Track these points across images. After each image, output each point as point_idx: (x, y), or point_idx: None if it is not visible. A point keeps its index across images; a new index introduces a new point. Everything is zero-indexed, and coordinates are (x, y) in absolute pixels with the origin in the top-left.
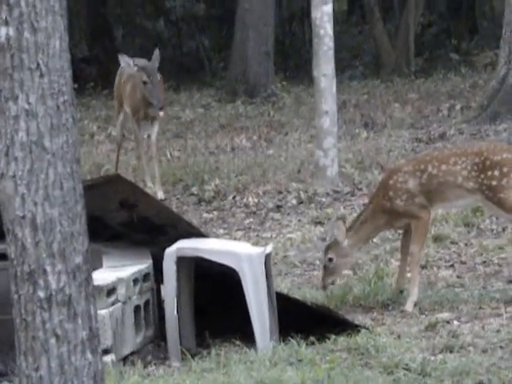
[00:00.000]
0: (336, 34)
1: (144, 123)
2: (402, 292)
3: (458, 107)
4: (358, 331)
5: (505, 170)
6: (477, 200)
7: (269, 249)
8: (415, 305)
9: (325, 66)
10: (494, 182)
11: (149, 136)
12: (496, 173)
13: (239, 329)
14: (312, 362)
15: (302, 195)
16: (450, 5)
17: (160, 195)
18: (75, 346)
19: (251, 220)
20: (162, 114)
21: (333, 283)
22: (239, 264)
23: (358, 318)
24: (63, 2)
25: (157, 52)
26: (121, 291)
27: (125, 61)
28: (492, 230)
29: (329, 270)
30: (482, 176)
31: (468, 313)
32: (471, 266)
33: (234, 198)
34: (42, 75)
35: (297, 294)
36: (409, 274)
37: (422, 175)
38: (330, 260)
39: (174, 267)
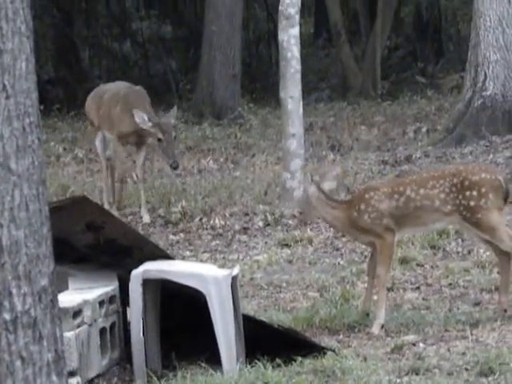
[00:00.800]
0: (303, 56)
1: (129, 147)
2: (368, 315)
3: (424, 130)
4: (325, 353)
5: (483, 190)
6: (453, 222)
7: (235, 271)
8: (381, 327)
9: (292, 89)
10: (472, 203)
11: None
12: (474, 193)
13: (206, 351)
14: None
15: (269, 217)
16: (416, 28)
17: (146, 219)
18: (41, 368)
19: (218, 242)
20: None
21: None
22: (206, 286)
23: (325, 341)
24: (29, 24)
25: (174, 109)
26: (87, 313)
27: (139, 116)
28: (458, 253)
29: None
30: (460, 196)
31: (434, 335)
32: (437, 288)
33: (200, 219)
34: (8, 97)
35: (263, 317)
36: (375, 297)
37: (400, 198)
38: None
39: (140, 289)
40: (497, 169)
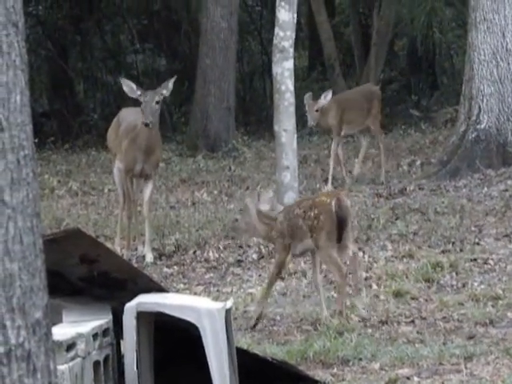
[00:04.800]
0: (297, 89)
1: (138, 181)
2: None
3: (418, 163)
4: None
5: (316, 211)
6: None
7: (229, 304)
8: (375, 361)
9: (286, 122)
10: (310, 222)
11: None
12: (311, 214)
13: None
14: None
15: (263, 250)
16: (410, 61)
17: (149, 258)
18: None
19: (212, 275)
20: (145, 127)
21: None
22: (199, 319)
23: (319, 374)
24: (24, 57)
25: (171, 81)
26: (80, 346)
27: (127, 85)
28: (452, 286)
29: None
30: (308, 217)
31: (428, 369)
32: (431, 321)
33: (194, 252)
34: (2, 130)
35: (257, 350)
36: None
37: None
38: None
39: (133, 322)
40: (341, 195)
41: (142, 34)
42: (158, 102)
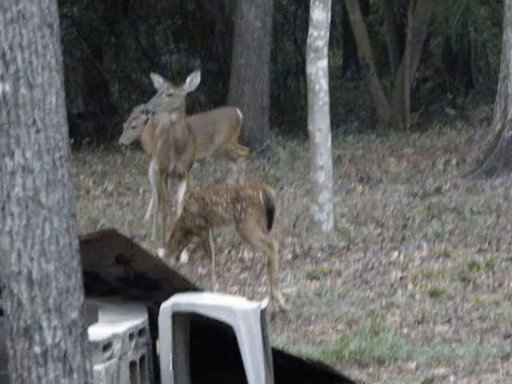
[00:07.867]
0: (331, 88)
1: (172, 181)
2: None
3: (453, 162)
4: None
5: (244, 204)
6: (233, 228)
7: (264, 304)
8: (411, 361)
9: (320, 121)
10: (237, 214)
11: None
12: (238, 206)
13: None
14: None
15: (298, 250)
16: (445, 60)
17: (184, 259)
18: None
19: (246, 275)
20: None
21: None
22: (235, 319)
23: (354, 374)
24: (59, 58)
25: (194, 77)
26: (116, 346)
27: (156, 80)
28: (488, 286)
29: None
30: (235, 208)
31: (464, 368)
32: (467, 321)
33: (229, 252)
34: (38, 131)
35: (292, 350)
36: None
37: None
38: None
39: (169, 322)
40: (265, 186)
41: (176, 35)
42: (170, 95)
